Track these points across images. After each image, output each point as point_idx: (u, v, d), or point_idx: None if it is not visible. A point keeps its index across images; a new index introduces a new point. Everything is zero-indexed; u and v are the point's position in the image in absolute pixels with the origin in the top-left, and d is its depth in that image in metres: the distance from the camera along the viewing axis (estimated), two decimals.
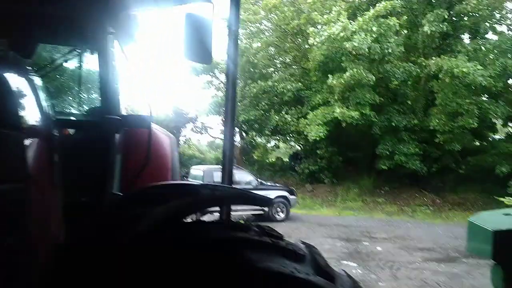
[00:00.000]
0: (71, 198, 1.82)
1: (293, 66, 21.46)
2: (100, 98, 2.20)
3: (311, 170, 19.60)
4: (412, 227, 12.51)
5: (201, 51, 2.00)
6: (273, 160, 24.42)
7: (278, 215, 12.95)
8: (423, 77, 17.13)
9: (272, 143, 24.23)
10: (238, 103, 20.16)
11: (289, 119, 19.35)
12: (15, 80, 0.98)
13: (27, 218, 0.91)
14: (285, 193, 13.38)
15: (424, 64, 16.30)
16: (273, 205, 12.83)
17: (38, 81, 1.35)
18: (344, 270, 1.40)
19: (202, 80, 24.09)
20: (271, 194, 12.87)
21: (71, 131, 2.70)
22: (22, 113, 0.93)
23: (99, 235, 1.37)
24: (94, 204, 1.94)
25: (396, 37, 15.95)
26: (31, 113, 1.06)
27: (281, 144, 24.72)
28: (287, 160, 23.72)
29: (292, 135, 21.59)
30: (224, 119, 3.13)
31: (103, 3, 2.07)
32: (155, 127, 2.65)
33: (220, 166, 3.47)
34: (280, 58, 21.92)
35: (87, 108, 2.76)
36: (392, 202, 16.79)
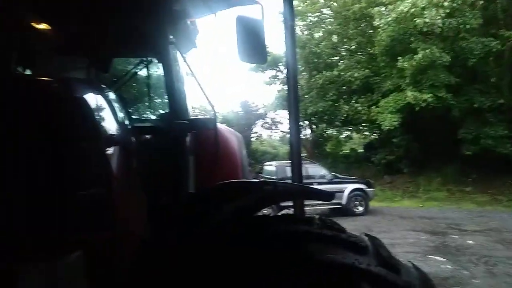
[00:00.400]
0: (152, 200, 1.96)
1: (358, 53, 20.65)
2: (168, 104, 2.33)
3: (388, 160, 18.74)
4: (509, 218, 11.32)
5: (254, 51, 2.03)
6: (347, 152, 23.80)
7: (357, 209, 12.60)
8: (506, 51, 15.42)
9: (345, 134, 23.64)
10: (305, 96, 19.98)
11: (360, 108, 18.68)
12: (93, 98, 1.09)
13: (111, 218, 1.01)
14: (362, 186, 12.97)
15: (506, 35, 14.67)
16: (350, 199, 12.52)
17: (112, 95, 1.48)
18: (411, 262, 1.34)
19: (268, 75, 24.30)
20: (347, 187, 12.58)
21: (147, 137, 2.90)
22: (101, 126, 1.03)
23: (176, 232, 1.45)
24: (172, 204, 2.05)
25: (472, 10, 14.56)
26: (108, 125, 1.17)
27: (354, 135, 24.00)
28: (362, 151, 22.95)
29: (365, 125, 20.83)
30: (288, 113, 3.12)
31: (165, 15, 2.19)
32: (222, 127, 2.73)
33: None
34: (345, 46, 21.21)
35: (158, 114, 2.93)
36: (483, 191, 15.31)
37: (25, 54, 2.46)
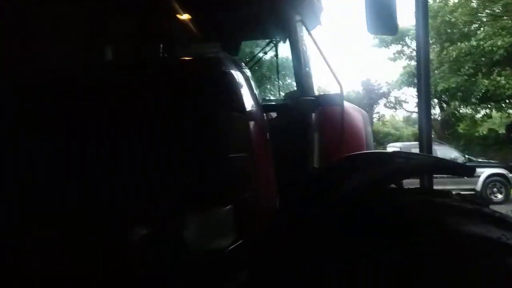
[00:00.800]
0: (279, 174, 2.07)
1: (504, 18, 17.72)
2: (295, 82, 2.40)
3: None
4: None
5: (385, 22, 1.93)
6: (484, 133, 21.04)
7: (495, 196, 11.16)
8: None
9: (482, 112, 20.88)
10: (435, 71, 18.15)
11: (503, 82, 16.20)
12: (239, 74, 1.21)
13: (251, 183, 1.13)
14: (503, 171, 11.38)
15: None
16: (487, 185, 11.14)
17: (248, 73, 1.60)
18: None
19: (392, 51, 22.74)
20: (483, 172, 11.20)
21: (273, 115, 3.04)
22: (243, 99, 1.15)
23: (304, 203, 1.50)
24: (298, 179, 2.13)
25: None
26: (248, 99, 1.29)
27: (494, 113, 21.03)
28: (503, 131, 20.02)
29: (509, 101, 18.05)
30: (417, 91, 2.91)
31: None
32: (347, 105, 2.70)
33: (417, 143, 3.26)
34: (486, 11, 18.44)
35: (285, 93, 3.03)
36: None
37: (170, 43, 2.81)
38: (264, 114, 1.99)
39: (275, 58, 2.98)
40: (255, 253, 1.15)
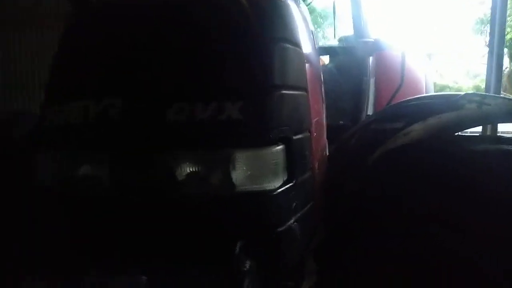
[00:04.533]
0: (331, 121, 2.04)
1: None
2: (352, 24, 2.29)
3: None
4: None
5: None
6: None
7: None
8: None
9: None
10: (508, 17, 16.40)
11: None
12: (291, 6, 1.15)
13: (304, 123, 1.10)
14: None
15: None
16: None
17: (305, 9, 1.54)
18: None
19: None
20: None
21: (326, 61, 2.94)
22: (298, 32, 1.09)
23: (358, 150, 1.46)
24: (350, 126, 2.09)
25: None
26: (303, 34, 1.24)
27: None
28: None
29: None
30: (489, 39, 2.65)
31: None
32: (408, 51, 2.55)
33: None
34: None
35: (343, 36, 2.91)
36: None
37: None
38: (320, 56, 1.93)
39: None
40: (308, 194, 1.14)
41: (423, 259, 1.09)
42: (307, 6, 2.77)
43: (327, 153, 1.52)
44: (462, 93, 1.31)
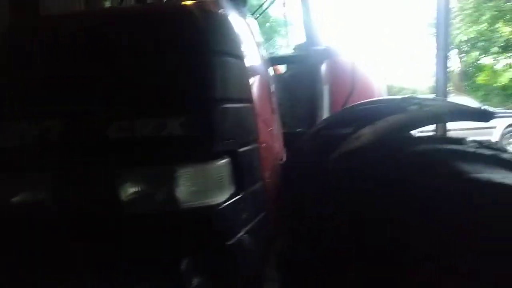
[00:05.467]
0: (287, 129, 2.06)
1: None
2: (304, 33, 2.34)
3: None
4: None
5: None
6: (505, 83, 20.30)
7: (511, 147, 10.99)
8: None
9: (504, 62, 20.01)
10: (456, 20, 17.28)
11: None
12: (233, 19, 1.15)
13: (253, 131, 1.10)
14: None
15: None
16: (504, 135, 10.94)
17: (253, 22, 1.55)
18: None
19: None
20: (501, 122, 10.96)
21: (282, 69, 2.98)
22: (239, 45, 1.09)
23: (311, 156, 1.48)
24: (307, 131, 2.12)
25: None
26: (249, 46, 1.24)
27: None
28: None
29: None
30: (436, 40, 2.79)
31: None
32: (360, 57, 2.63)
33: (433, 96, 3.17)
34: None
35: (294, 45, 2.96)
36: None
37: None
38: (272, 66, 1.96)
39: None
40: (259, 205, 1.13)
41: (383, 262, 1.11)
42: (258, 16, 2.80)
43: (282, 161, 1.52)
44: (402, 96, 1.36)
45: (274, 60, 2.33)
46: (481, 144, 1.19)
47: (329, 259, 1.23)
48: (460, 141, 1.22)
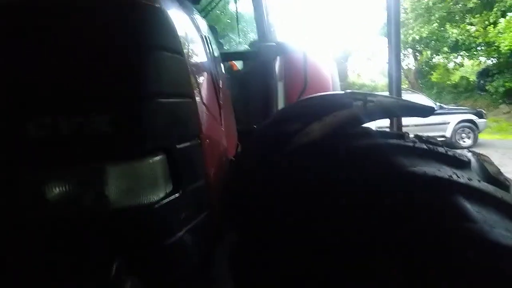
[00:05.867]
0: (242, 125, 2.04)
1: None
2: (256, 30, 2.33)
3: (507, 88, 16.41)
4: None
5: None
6: (456, 81, 21.41)
7: (463, 141, 11.57)
8: None
9: (454, 61, 21.09)
10: (410, 20, 18.03)
11: (473, 30, 16.27)
12: (181, 13, 1.10)
13: (194, 127, 1.06)
14: (471, 116, 11.73)
15: None
16: (456, 131, 11.52)
17: (201, 19, 1.51)
18: None
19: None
20: (453, 118, 11.53)
21: (239, 66, 2.97)
22: (183, 40, 1.04)
23: (260, 152, 1.46)
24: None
25: None
26: (192, 41, 1.20)
27: (466, 62, 21.30)
28: (474, 79, 20.42)
29: (480, 49, 18.22)
30: (388, 40, 2.87)
31: None
32: (312, 52, 2.66)
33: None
34: None
35: (249, 42, 2.95)
36: None
37: None
38: (223, 62, 1.93)
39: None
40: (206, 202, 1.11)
41: (331, 256, 1.11)
42: (208, 12, 2.77)
43: (231, 159, 1.50)
44: (345, 91, 1.37)
45: (227, 56, 2.31)
46: (420, 138, 1.22)
47: (279, 256, 1.22)
48: (401, 136, 1.24)
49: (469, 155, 1.17)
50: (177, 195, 0.91)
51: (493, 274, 0.87)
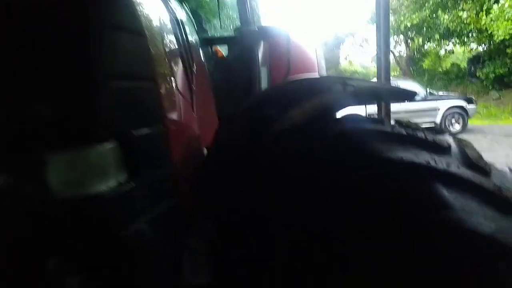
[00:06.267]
0: (227, 112, 1.99)
1: None
2: (238, 15, 2.26)
3: (497, 74, 16.49)
4: None
5: None
6: (447, 68, 21.44)
7: (453, 127, 11.63)
8: None
9: (446, 48, 21.10)
10: (402, 6, 17.93)
11: (465, 16, 16.24)
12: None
13: (156, 112, 1.00)
14: (462, 103, 11.77)
15: None
16: (446, 117, 11.58)
17: (175, 2, 1.45)
18: (510, 167, 1.15)
19: None
20: (443, 104, 11.58)
21: (224, 52, 2.89)
22: (148, 21, 0.99)
23: (240, 138, 1.42)
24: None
25: None
26: (161, 23, 1.14)
27: (457, 49, 21.31)
28: (465, 66, 20.46)
29: (472, 35, 18.22)
30: (376, 25, 2.81)
31: None
32: (296, 36, 2.59)
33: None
34: None
35: (231, 27, 2.88)
36: None
37: None
38: (203, 47, 1.87)
39: None
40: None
41: (316, 243, 1.08)
42: None
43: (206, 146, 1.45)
44: (326, 76, 1.33)
45: (208, 42, 2.24)
46: (399, 123, 1.19)
47: (262, 247, 1.19)
48: (380, 121, 1.20)
49: (450, 140, 1.14)
50: (132, 184, 0.85)
51: (470, 263, 0.85)
